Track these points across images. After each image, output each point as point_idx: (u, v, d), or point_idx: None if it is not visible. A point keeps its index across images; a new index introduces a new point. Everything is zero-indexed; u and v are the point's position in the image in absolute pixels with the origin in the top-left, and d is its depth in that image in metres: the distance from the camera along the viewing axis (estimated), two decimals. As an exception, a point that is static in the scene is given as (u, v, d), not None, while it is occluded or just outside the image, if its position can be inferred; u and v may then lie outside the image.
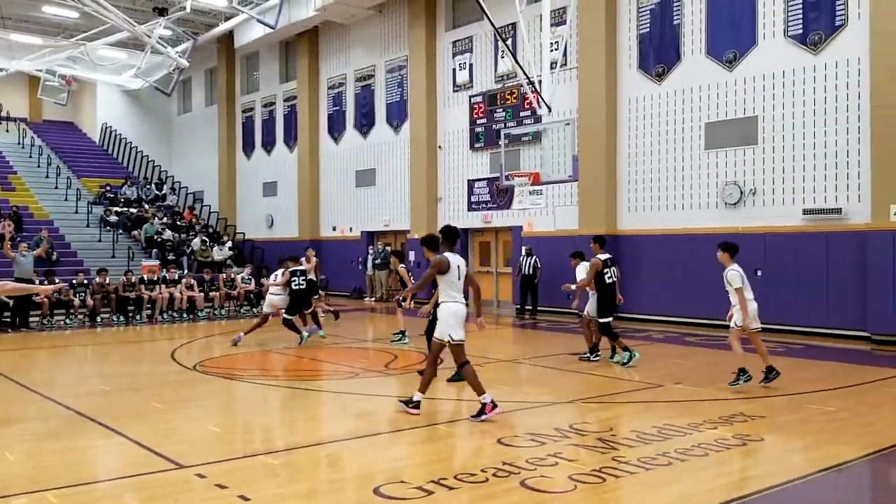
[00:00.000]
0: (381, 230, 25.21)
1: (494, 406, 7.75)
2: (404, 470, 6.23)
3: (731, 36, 15.92)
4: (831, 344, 13.64)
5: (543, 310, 19.16)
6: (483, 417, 7.71)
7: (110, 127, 34.42)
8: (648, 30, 17.39)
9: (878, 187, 13.53)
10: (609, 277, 11.21)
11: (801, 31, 14.87)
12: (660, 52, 17.20)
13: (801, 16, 14.86)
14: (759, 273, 15.32)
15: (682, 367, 11.31)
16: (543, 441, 6.93)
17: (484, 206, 21.46)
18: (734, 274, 9.24)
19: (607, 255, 11.42)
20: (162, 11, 24.97)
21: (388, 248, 24.09)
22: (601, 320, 11.22)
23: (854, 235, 14.02)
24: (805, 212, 14.76)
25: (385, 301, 23.07)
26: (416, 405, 8.02)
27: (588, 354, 11.55)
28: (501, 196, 20.77)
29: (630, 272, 17.62)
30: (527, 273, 19.15)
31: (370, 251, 24.56)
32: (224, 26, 27.88)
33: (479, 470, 6.06)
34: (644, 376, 10.41)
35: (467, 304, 8.09)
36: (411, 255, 22.73)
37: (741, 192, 15.69)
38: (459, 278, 7.94)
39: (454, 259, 7.92)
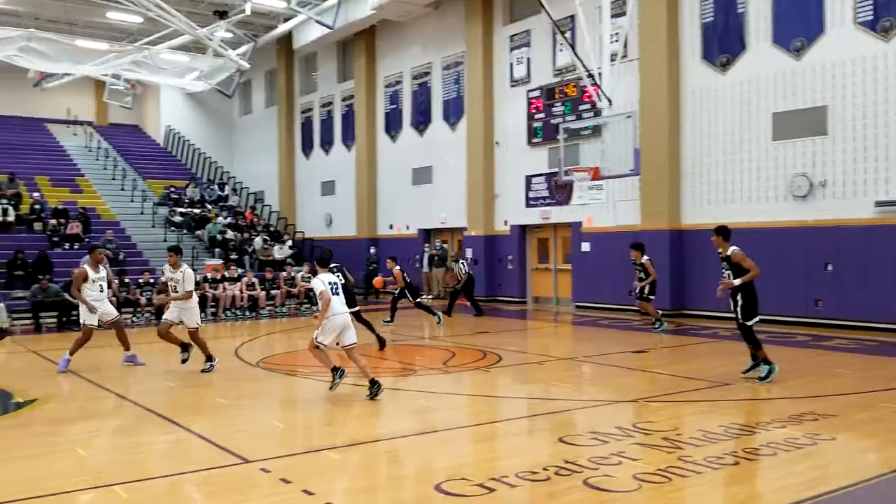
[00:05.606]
0: (438, 227, 25.21)
1: None
2: (465, 467, 6.18)
3: (799, 24, 15.41)
4: (907, 341, 13.10)
5: (602, 307, 18.90)
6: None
7: (174, 129, 35.25)
8: (712, 19, 16.96)
9: (956, 177, 12.95)
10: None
11: (871, 18, 14.30)
12: (724, 42, 16.75)
13: (871, 2, 14.29)
14: (830, 267, 14.83)
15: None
16: (606, 440, 6.80)
17: (542, 202, 21.26)
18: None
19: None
20: (222, 14, 25.39)
21: (445, 246, 24.09)
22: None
23: (931, 228, 13.44)
24: (877, 204, 14.18)
25: (443, 298, 23.03)
26: None
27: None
28: (560, 191, 20.54)
29: (693, 268, 17.26)
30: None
31: (426, 248, 24.58)
32: (283, 28, 28.25)
33: (541, 468, 5.96)
34: (712, 374, 10.16)
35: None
36: (468, 253, 22.69)
37: (810, 184, 15.19)
38: None
39: None
